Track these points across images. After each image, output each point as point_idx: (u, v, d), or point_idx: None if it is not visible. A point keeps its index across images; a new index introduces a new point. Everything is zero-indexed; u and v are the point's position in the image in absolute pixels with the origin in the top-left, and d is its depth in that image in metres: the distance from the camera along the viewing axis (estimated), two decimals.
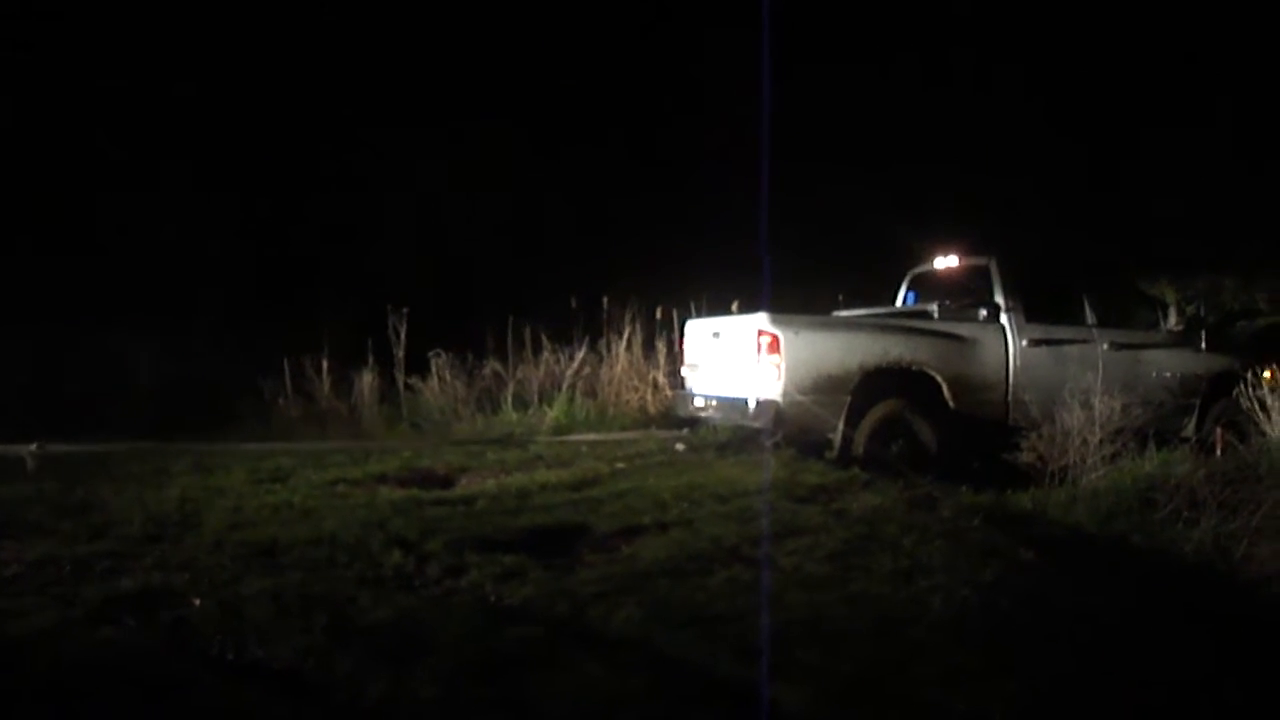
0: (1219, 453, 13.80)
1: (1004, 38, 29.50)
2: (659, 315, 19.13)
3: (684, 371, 15.45)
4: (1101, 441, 11.97)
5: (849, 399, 12.96)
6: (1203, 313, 16.78)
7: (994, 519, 9.95)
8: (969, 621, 7.20)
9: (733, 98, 23.22)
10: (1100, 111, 28.56)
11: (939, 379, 13.49)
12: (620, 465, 12.12)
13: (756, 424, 12.94)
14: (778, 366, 12.69)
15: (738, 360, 13.46)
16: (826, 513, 9.75)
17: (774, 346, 12.70)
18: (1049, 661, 6.68)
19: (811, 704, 5.79)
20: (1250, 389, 13.54)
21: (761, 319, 12.92)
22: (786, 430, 12.78)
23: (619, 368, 18.75)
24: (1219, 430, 14.54)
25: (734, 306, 17.09)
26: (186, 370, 18.63)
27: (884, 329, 13.84)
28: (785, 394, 12.68)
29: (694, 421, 14.81)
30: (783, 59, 21.02)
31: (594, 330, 18.98)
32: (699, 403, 14.59)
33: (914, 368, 13.41)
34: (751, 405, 12.96)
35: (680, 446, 13.30)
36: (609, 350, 18.83)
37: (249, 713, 5.41)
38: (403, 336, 18.10)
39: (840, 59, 28.31)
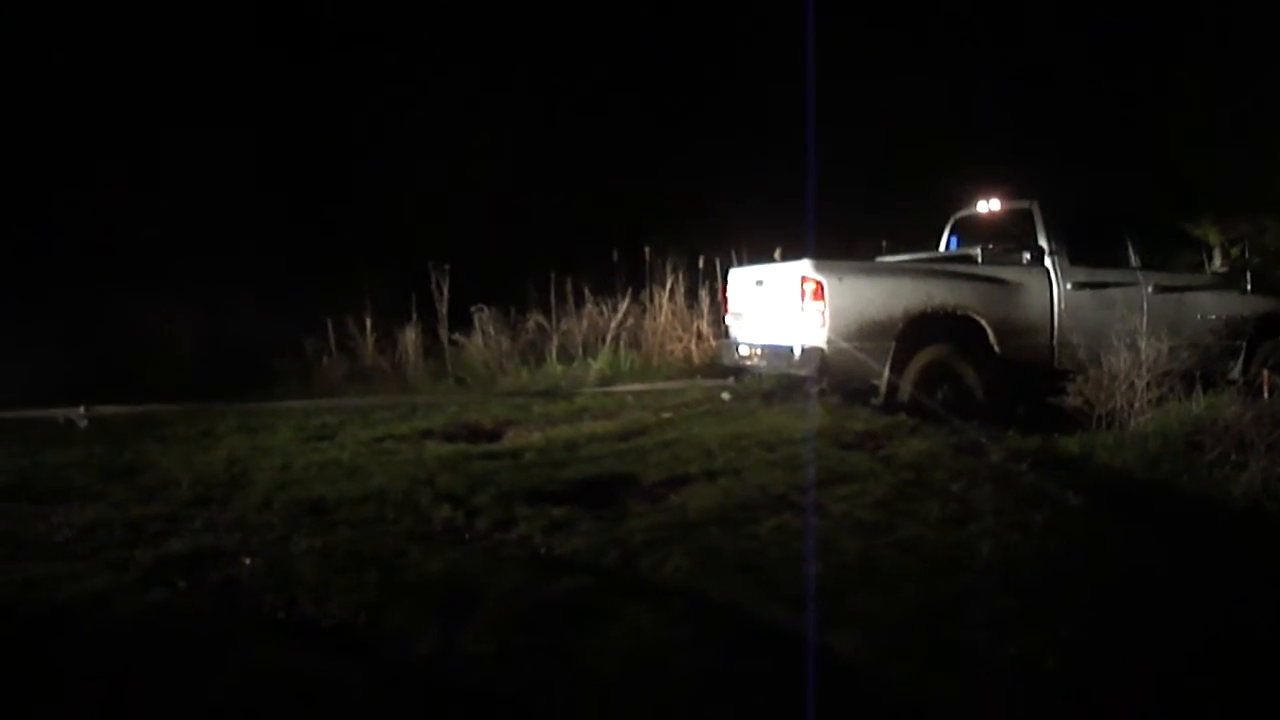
0: (1266, 395, 13.72)
1: None
2: (701, 265, 19.14)
3: (728, 320, 15.40)
4: (1148, 385, 11.90)
5: (894, 345, 12.92)
6: (1247, 254, 16.62)
7: (1042, 463, 9.93)
8: (1019, 566, 7.18)
9: (777, 46, 23.15)
10: (1142, 55, 28.32)
11: (984, 324, 13.41)
12: (666, 415, 12.15)
13: (802, 371, 12.91)
14: (822, 313, 12.64)
15: (782, 308, 13.39)
16: (874, 459, 9.76)
17: (818, 293, 12.66)
18: (1100, 607, 6.65)
19: (862, 649, 5.77)
20: None
21: (805, 266, 12.88)
22: (832, 377, 12.80)
23: (662, 318, 18.80)
24: (1266, 372, 14.45)
25: (776, 254, 17.06)
26: (229, 331, 18.69)
27: (928, 274, 13.76)
28: (830, 341, 12.64)
29: (739, 370, 14.84)
30: (827, 9, 20.96)
31: (637, 282, 19.00)
32: (744, 351, 14.54)
33: (959, 313, 13.34)
34: (797, 352, 12.90)
35: (726, 395, 13.33)
36: (652, 301, 18.85)
37: (301, 669, 5.42)
38: (445, 292, 18.14)
39: (882, 9, 28.17)
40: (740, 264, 16.91)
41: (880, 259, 15.97)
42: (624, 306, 18.50)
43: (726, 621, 6.10)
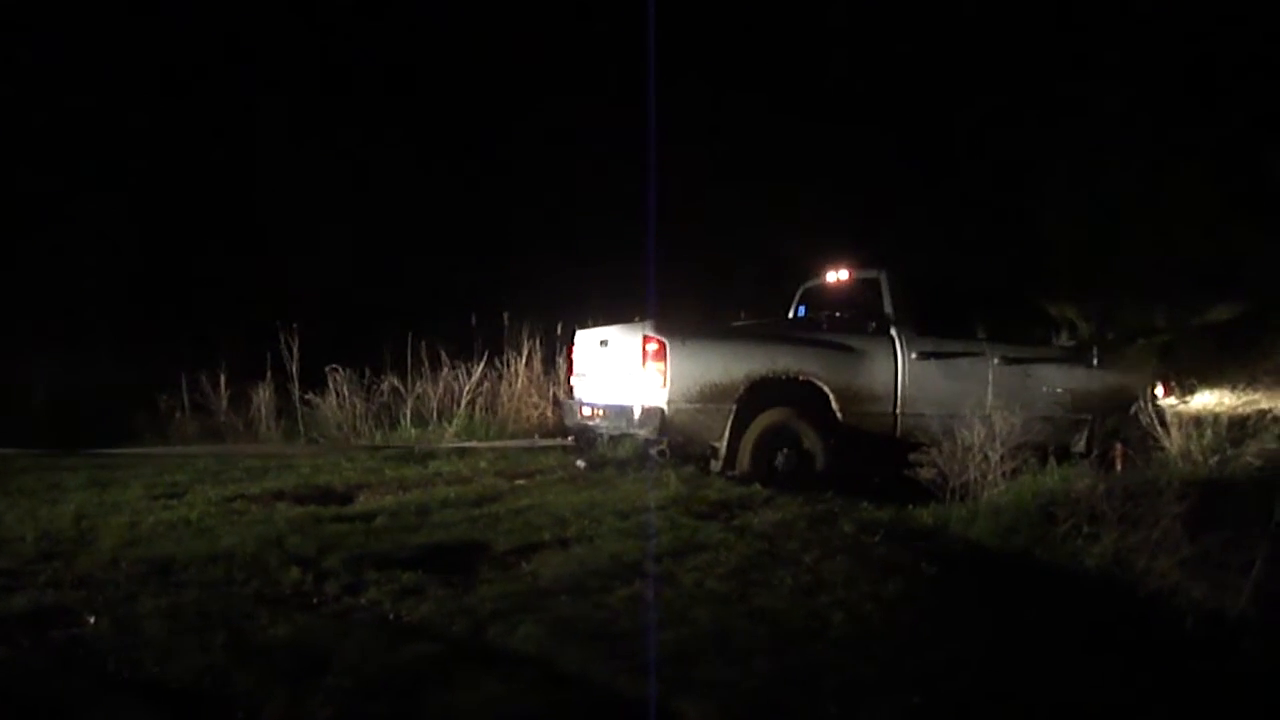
0: (1119, 468, 13.88)
1: (894, 56, 29.60)
2: (560, 331, 19.12)
3: (572, 380, 15.50)
4: (1002, 457, 11.98)
5: (734, 407, 12.99)
6: (1101, 330, 16.87)
7: (895, 534, 9.99)
8: (871, 636, 7.22)
9: (628, 114, 23.29)
10: (1000, 131, 28.66)
11: (826, 390, 13.48)
12: (520, 482, 12.08)
13: (642, 431, 13.00)
14: (663, 374, 12.72)
15: (624, 367, 13.53)
16: (727, 529, 9.74)
17: (660, 354, 12.76)
18: (951, 676, 6.67)
19: (716, 719, 5.75)
20: (1147, 405, 13.60)
21: (648, 326, 13.00)
22: (671, 438, 12.89)
23: (519, 384, 18.73)
24: (1119, 446, 14.61)
25: (635, 320, 17.11)
26: (82, 385, 18.45)
27: (770, 339, 13.92)
28: (671, 401, 12.72)
29: (582, 430, 14.91)
30: (672, 81, 21.18)
31: (494, 347, 18.93)
32: (586, 411, 14.62)
33: (801, 378, 13.40)
34: (637, 412, 12.98)
35: (581, 464, 13.28)
36: (508, 367, 18.80)
37: None
38: (295, 351, 17.95)
39: (731, 80, 28.43)
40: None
41: (732, 325, 16.04)
42: (479, 371, 18.40)
43: (577, 691, 6.07)
